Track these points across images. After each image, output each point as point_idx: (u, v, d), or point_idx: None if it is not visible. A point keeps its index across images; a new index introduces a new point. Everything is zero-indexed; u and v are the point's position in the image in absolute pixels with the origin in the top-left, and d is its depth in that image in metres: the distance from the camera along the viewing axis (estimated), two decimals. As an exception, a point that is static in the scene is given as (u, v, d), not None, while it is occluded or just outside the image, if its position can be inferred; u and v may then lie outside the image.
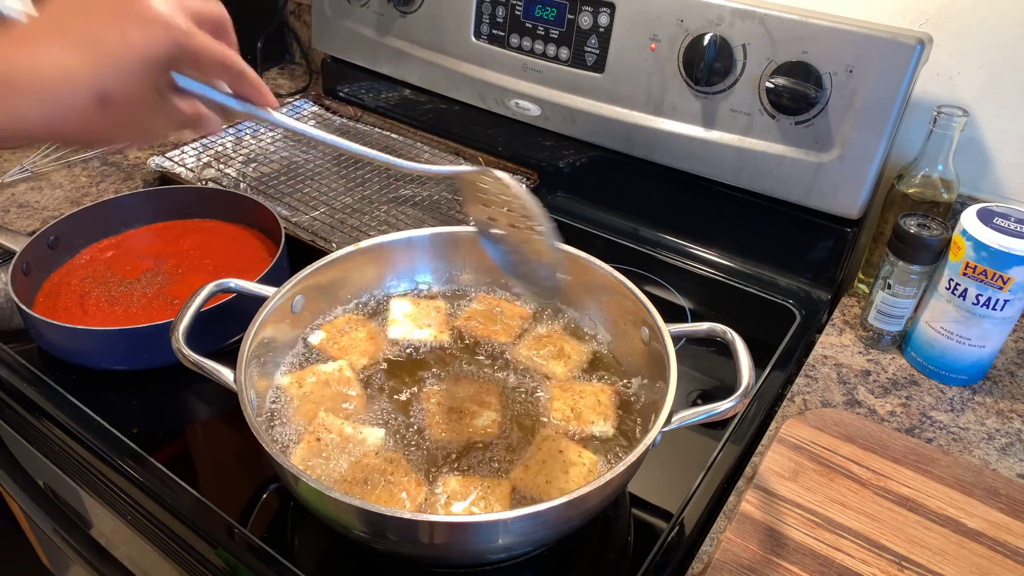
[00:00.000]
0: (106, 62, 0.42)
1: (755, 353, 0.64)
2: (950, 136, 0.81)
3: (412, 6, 1.14)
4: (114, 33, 0.42)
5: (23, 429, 0.81)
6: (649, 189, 1.05)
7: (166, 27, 0.43)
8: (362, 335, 0.76)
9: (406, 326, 0.78)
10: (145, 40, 0.43)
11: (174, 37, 0.43)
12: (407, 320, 0.78)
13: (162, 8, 0.43)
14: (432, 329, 0.78)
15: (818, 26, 0.84)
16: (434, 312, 0.80)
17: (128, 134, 0.46)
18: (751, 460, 0.73)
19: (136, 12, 0.43)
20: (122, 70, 0.42)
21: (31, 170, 1.12)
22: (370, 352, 0.75)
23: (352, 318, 0.79)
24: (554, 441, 0.66)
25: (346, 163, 1.15)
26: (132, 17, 0.42)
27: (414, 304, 0.80)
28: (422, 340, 0.77)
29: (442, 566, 0.65)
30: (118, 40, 0.42)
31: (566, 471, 0.63)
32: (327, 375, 0.71)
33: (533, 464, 0.64)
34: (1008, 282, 0.74)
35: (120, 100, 0.43)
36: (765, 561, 0.61)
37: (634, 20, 0.95)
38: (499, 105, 1.11)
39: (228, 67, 0.47)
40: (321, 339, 0.76)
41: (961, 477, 0.69)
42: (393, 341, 0.77)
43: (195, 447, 0.75)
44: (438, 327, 0.78)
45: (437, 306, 0.81)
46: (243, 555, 0.63)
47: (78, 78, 0.41)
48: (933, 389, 0.82)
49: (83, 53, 0.41)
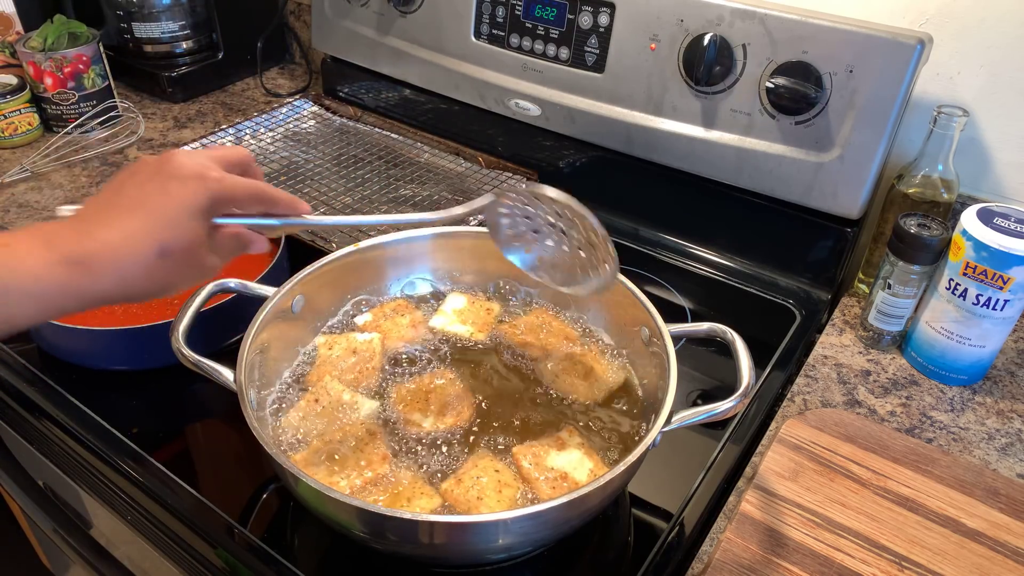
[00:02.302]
0: (158, 220, 0.49)
1: (755, 353, 0.64)
2: (950, 136, 0.81)
3: (412, 6, 1.14)
4: (160, 195, 0.49)
5: (23, 429, 0.81)
6: (649, 189, 1.05)
7: (202, 178, 0.50)
8: (405, 321, 0.79)
9: (449, 319, 0.79)
10: (187, 193, 0.49)
11: (208, 186, 0.50)
12: (453, 315, 0.79)
13: (192, 165, 0.50)
14: (471, 327, 0.78)
15: (818, 26, 0.84)
16: (484, 312, 0.80)
17: (189, 277, 0.52)
18: (751, 460, 0.73)
19: (172, 173, 0.50)
20: (173, 222, 0.49)
21: (31, 170, 1.12)
22: (406, 337, 0.77)
23: (401, 304, 0.81)
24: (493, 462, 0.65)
25: (346, 163, 1.14)
26: (171, 178, 0.50)
27: (469, 302, 0.81)
28: (457, 335, 0.78)
29: (442, 566, 0.65)
30: (164, 198, 0.49)
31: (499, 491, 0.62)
32: (357, 344, 0.75)
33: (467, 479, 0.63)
34: (1008, 282, 0.74)
35: (177, 248, 0.49)
36: (765, 561, 0.61)
37: (634, 20, 0.95)
38: (499, 105, 1.11)
39: (261, 198, 0.55)
40: (366, 321, 0.79)
41: (961, 477, 0.69)
42: (430, 329, 0.78)
43: (195, 447, 0.75)
44: (479, 327, 0.79)
45: (489, 307, 0.81)
46: (243, 555, 0.63)
47: (140, 238, 0.48)
48: (933, 389, 0.82)
49: (138, 218, 0.48)
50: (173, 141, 1.22)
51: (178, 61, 1.36)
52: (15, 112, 1.17)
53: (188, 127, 1.28)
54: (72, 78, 1.19)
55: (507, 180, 1.11)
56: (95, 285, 0.47)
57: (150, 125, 1.27)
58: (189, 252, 0.50)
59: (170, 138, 1.24)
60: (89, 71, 1.20)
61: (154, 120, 1.30)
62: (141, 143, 1.22)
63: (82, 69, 1.19)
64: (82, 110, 1.22)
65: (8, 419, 0.82)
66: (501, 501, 0.61)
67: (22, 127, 1.18)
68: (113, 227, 0.48)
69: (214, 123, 1.29)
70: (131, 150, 1.20)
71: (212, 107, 1.35)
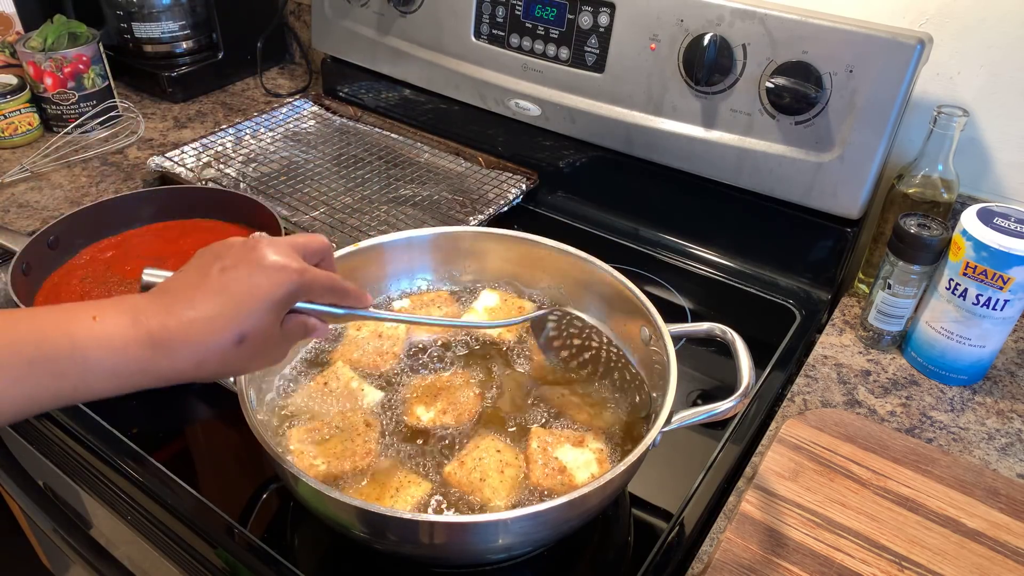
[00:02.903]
0: (240, 308, 0.49)
1: (755, 353, 0.64)
2: (950, 136, 0.81)
3: (412, 6, 1.14)
4: (244, 282, 0.50)
5: (23, 429, 0.81)
6: (649, 189, 1.05)
7: (285, 271, 0.51)
8: (439, 313, 0.79)
9: (479, 317, 0.79)
10: (270, 285, 0.50)
11: (291, 279, 0.51)
12: (484, 312, 0.79)
13: (278, 256, 0.51)
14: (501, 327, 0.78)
15: (818, 26, 0.83)
16: (515, 312, 0.79)
17: (260, 363, 0.53)
18: (751, 460, 0.73)
19: (259, 262, 0.50)
20: (254, 312, 0.50)
21: (31, 170, 1.12)
22: (437, 329, 0.78)
23: (441, 295, 0.81)
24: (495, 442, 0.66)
25: (346, 163, 1.15)
26: (256, 267, 0.50)
27: (501, 300, 0.81)
28: (486, 333, 0.77)
29: (442, 566, 0.65)
30: (248, 288, 0.50)
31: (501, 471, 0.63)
32: (383, 329, 0.76)
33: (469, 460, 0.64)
34: (1008, 282, 0.74)
35: (255, 337, 0.50)
36: (765, 561, 0.61)
37: (634, 20, 0.95)
38: (499, 105, 1.11)
39: (335, 290, 0.56)
40: (402, 307, 0.80)
41: (961, 477, 0.69)
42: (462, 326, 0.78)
43: (195, 447, 0.75)
44: (514, 327, 0.78)
45: (521, 306, 0.80)
46: (243, 555, 0.63)
47: (220, 326, 0.49)
48: (933, 389, 0.82)
49: (221, 303, 0.49)
50: (173, 141, 1.22)
51: (178, 61, 1.36)
52: (15, 112, 1.17)
53: (188, 127, 1.28)
54: (72, 78, 1.19)
55: (507, 180, 1.11)
56: (173, 365, 0.48)
57: (150, 125, 1.27)
58: (264, 340, 0.51)
59: (170, 138, 1.24)
60: (89, 71, 1.20)
61: (154, 120, 1.30)
62: (141, 143, 1.22)
63: (82, 69, 1.19)
64: (82, 110, 1.22)
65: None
66: (504, 482, 0.62)
67: (22, 127, 1.18)
68: (197, 309, 0.48)
69: (214, 123, 1.29)
70: (131, 150, 1.20)
71: (212, 107, 1.35)
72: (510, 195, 1.07)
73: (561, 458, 0.64)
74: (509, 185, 1.10)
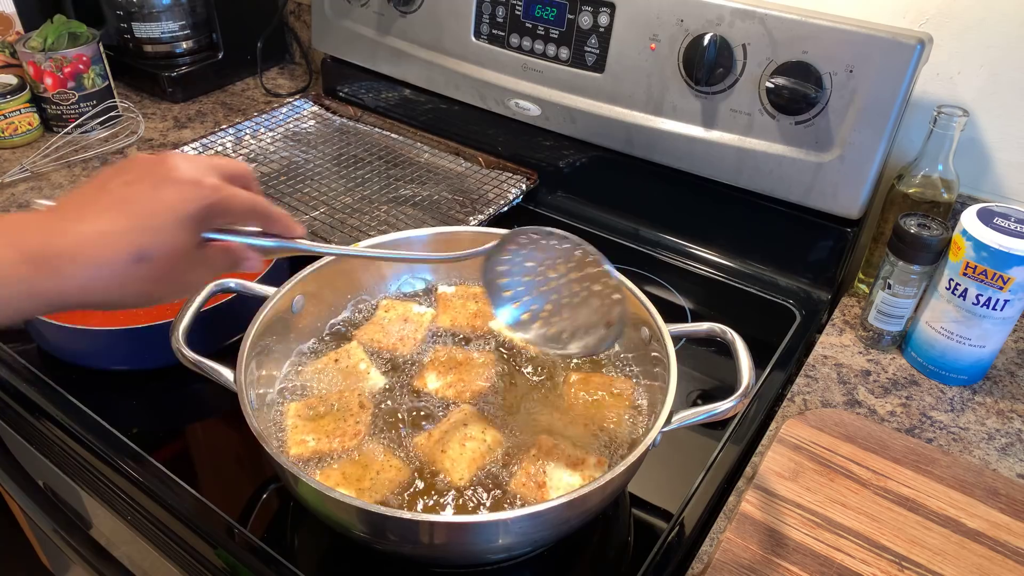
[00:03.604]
0: (142, 222, 0.44)
1: (755, 353, 0.64)
2: (950, 136, 0.81)
3: (412, 6, 1.14)
4: (148, 194, 0.45)
5: (23, 429, 0.81)
6: (649, 189, 1.05)
7: (197, 185, 0.46)
8: (473, 309, 0.79)
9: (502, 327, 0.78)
10: (179, 198, 0.46)
11: (205, 194, 0.47)
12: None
13: (191, 170, 0.47)
14: None
15: (818, 26, 0.83)
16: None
17: (167, 289, 0.48)
18: (751, 460, 0.73)
19: (167, 175, 0.46)
20: (158, 227, 0.45)
21: (31, 170, 1.12)
22: (462, 325, 0.78)
23: (481, 292, 0.80)
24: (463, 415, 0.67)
25: (346, 163, 1.15)
26: (164, 180, 0.46)
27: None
28: (514, 340, 0.77)
29: (442, 566, 0.65)
30: (152, 200, 0.45)
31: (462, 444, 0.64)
32: (411, 314, 0.77)
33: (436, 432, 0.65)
34: (1008, 282, 0.74)
35: (158, 256, 0.45)
36: (765, 561, 0.61)
37: (634, 20, 0.95)
38: (499, 105, 1.11)
39: (258, 212, 0.51)
40: (442, 292, 0.81)
41: (961, 477, 0.69)
42: (490, 328, 0.78)
43: (195, 447, 0.75)
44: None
45: None
46: (243, 555, 0.63)
47: (115, 240, 0.44)
48: (933, 389, 0.82)
49: (119, 216, 0.44)
50: (173, 141, 1.22)
51: (178, 61, 1.36)
52: (15, 112, 1.17)
53: (188, 127, 1.28)
54: (72, 78, 1.19)
55: (507, 180, 1.11)
56: (59, 286, 0.43)
57: (150, 125, 1.27)
58: (171, 262, 0.46)
59: (170, 138, 1.24)
60: (89, 71, 1.20)
61: (154, 120, 1.30)
62: (141, 143, 1.22)
63: (82, 69, 1.19)
64: (82, 110, 1.22)
65: (8, 419, 0.82)
66: (464, 454, 0.63)
67: (22, 127, 1.18)
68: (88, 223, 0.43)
69: (214, 123, 1.29)
70: (131, 150, 1.20)
71: (212, 107, 1.35)
72: (510, 195, 1.07)
73: (548, 473, 0.63)
74: (509, 185, 1.10)
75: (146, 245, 0.44)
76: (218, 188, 0.48)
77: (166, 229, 0.45)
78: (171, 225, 0.45)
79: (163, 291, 0.48)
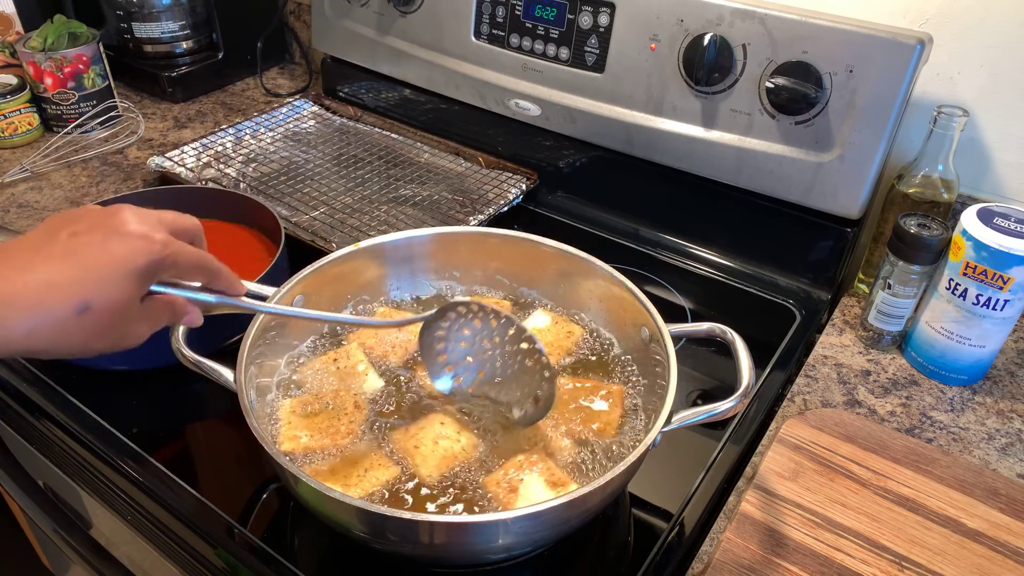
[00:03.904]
0: (88, 274, 0.44)
1: (755, 353, 0.64)
2: (950, 136, 0.81)
3: (412, 6, 1.14)
4: (96, 246, 0.45)
5: (23, 429, 0.81)
6: (649, 189, 1.05)
7: (146, 240, 0.47)
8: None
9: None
10: (127, 251, 0.46)
11: (154, 248, 0.47)
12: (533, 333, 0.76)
13: (141, 224, 0.47)
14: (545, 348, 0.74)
15: (818, 26, 0.84)
16: (564, 335, 0.76)
17: (107, 341, 0.48)
18: (751, 460, 0.73)
19: (117, 228, 0.46)
20: (104, 280, 0.45)
21: (31, 170, 1.12)
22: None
23: (502, 303, 0.80)
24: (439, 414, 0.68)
25: (346, 163, 1.14)
26: (112, 233, 0.46)
27: (552, 322, 0.78)
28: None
29: (442, 566, 0.65)
30: (100, 253, 0.45)
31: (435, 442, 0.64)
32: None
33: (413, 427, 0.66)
34: (1008, 282, 0.74)
35: (101, 308, 0.45)
36: (765, 561, 0.61)
37: (634, 20, 0.95)
38: (499, 105, 1.11)
39: (204, 268, 0.52)
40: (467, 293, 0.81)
41: (961, 477, 0.69)
42: None
43: (195, 447, 0.75)
44: (554, 349, 0.75)
45: (570, 330, 0.77)
46: (243, 555, 0.63)
47: (60, 290, 0.44)
48: (933, 389, 0.82)
49: (65, 267, 0.44)
50: (173, 141, 1.22)
51: (178, 61, 1.36)
52: (15, 112, 1.17)
53: (188, 127, 1.28)
54: (72, 78, 1.19)
55: (507, 180, 1.11)
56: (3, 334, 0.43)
57: (150, 125, 1.28)
58: (114, 315, 0.46)
59: (170, 138, 1.24)
60: (89, 71, 1.20)
61: (154, 120, 1.30)
62: (141, 143, 1.22)
63: (82, 69, 1.19)
64: (82, 110, 1.22)
65: (8, 419, 0.82)
66: (435, 452, 0.64)
67: (22, 127, 1.18)
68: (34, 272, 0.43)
69: (214, 123, 1.29)
70: (131, 150, 1.20)
71: (212, 107, 1.35)
72: (510, 195, 1.07)
73: (526, 481, 0.62)
74: (509, 185, 1.10)
75: (90, 297, 0.44)
76: (167, 244, 0.48)
77: (112, 282, 0.45)
78: (118, 278, 0.45)
79: (103, 343, 0.47)
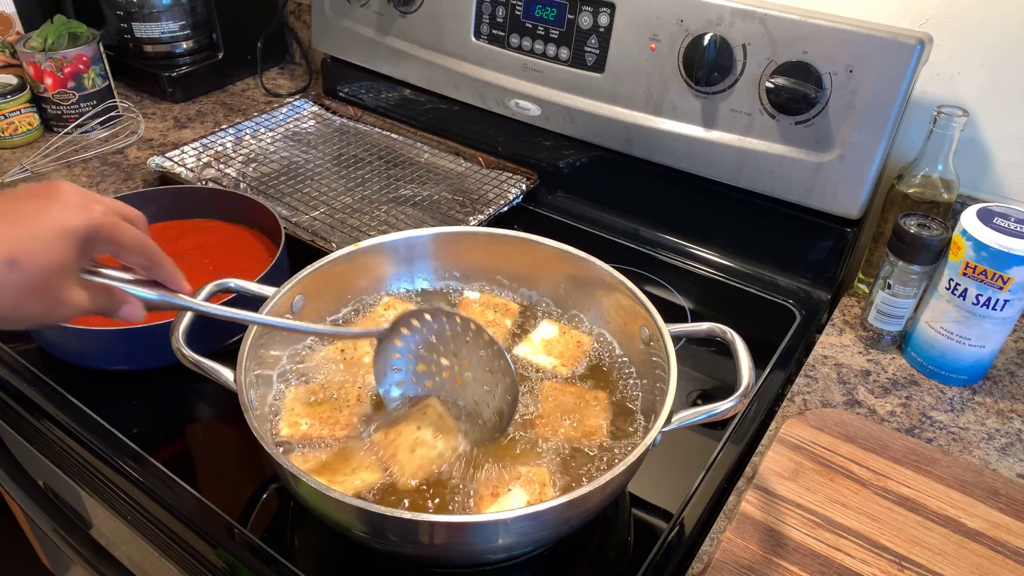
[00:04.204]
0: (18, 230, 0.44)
1: (755, 353, 0.64)
2: (950, 136, 0.81)
3: (412, 6, 1.14)
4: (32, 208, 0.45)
5: (23, 429, 0.81)
6: (649, 189, 1.05)
7: (85, 208, 0.47)
8: (489, 318, 0.79)
9: (535, 348, 0.76)
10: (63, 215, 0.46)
11: (90, 215, 0.47)
12: (540, 344, 0.76)
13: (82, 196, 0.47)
14: (557, 359, 0.75)
15: (818, 26, 0.84)
16: (573, 345, 0.76)
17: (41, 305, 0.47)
18: (751, 460, 0.73)
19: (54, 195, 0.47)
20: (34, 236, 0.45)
21: (31, 170, 1.12)
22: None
23: (509, 307, 0.80)
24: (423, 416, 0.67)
25: (346, 163, 1.15)
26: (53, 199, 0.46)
27: (560, 332, 0.78)
28: (539, 366, 0.74)
29: (442, 566, 0.65)
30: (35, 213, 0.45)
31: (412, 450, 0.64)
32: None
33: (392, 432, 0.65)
34: (1008, 282, 0.74)
35: (31, 266, 0.45)
36: (765, 561, 0.61)
37: (634, 20, 0.95)
38: (499, 105, 1.11)
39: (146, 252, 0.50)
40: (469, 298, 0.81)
41: (961, 477, 0.69)
42: (514, 357, 0.75)
43: (195, 447, 0.75)
44: (564, 360, 0.74)
45: (580, 340, 0.76)
46: (243, 555, 0.63)
47: None
48: (933, 389, 0.82)
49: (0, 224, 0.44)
50: (173, 141, 1.22)
51: (178, 61, 1.36)
52: (15, 112, 1.17)
53: (188, 127, 1.28)
54: (72, 78, 1.19)
55: (507, 180, 1.11)
56: None
57: (150, 125, 1.28)
58: (46, 275, 0.45)
59: (170, 138, 1.24)
60: (89, 71, 1.20)
61: (154, 120, 1.30)
62: (141, 143, 1.22)
63: (82, 69, 1.19)
64: (82, 110, 1.22)
65: (8, 419, 0.82)
66: (412, 460, 0.63)
67: (22, 127, 1.18)
68: None
69: (214, 123, 1.29)
70: (131, 150, 1.20)
71: (212, 107, 1.35)
72: (510, 195, 1.07)
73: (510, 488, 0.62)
74: (509, 185, 1.10)
75: (18, 251, 0.44)
76: (106, 214, 0.48)
77: (43, 238, 0.45)
78: (49, 236, 0.45)
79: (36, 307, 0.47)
